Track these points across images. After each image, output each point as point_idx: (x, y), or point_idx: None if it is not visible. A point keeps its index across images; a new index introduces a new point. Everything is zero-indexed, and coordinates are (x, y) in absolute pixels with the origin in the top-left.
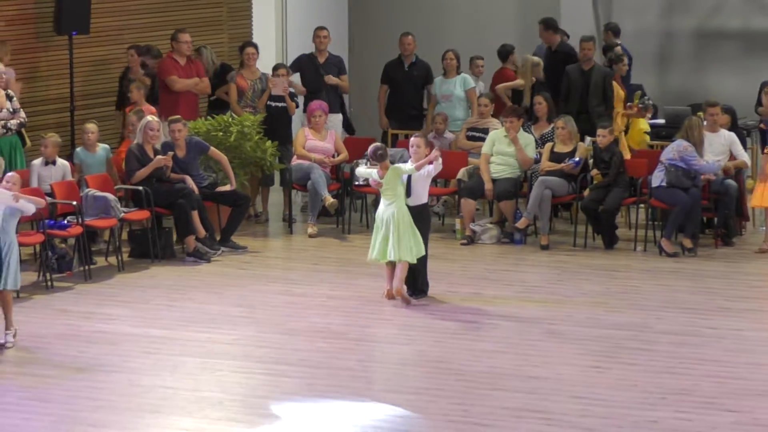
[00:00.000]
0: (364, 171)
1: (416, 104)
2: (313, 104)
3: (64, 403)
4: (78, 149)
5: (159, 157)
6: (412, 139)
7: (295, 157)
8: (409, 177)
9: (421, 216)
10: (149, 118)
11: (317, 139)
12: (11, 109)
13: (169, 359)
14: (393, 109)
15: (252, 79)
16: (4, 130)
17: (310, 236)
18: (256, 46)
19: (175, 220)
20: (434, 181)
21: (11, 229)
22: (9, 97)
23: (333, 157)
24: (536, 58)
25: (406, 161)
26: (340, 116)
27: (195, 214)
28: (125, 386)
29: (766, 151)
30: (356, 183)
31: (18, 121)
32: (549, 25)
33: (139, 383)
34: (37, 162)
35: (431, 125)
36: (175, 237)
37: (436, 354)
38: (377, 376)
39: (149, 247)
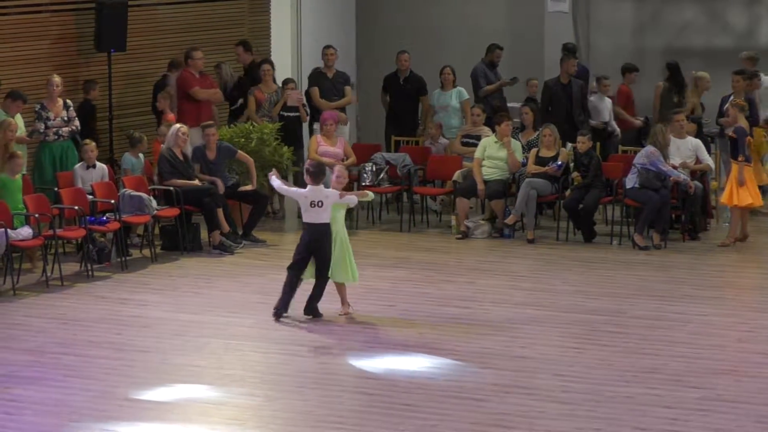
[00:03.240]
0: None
1: (411, 113)
2: (325, 114)
3: (102, 380)
4: (125, 155)
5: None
6: (336, 167)
7: (308, 160)
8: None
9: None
10: (178, 125)
11: (328, 145)
12: (66, 118)
13: (197, 340)
14: (391, 117)
15: (269, 92)
16: (56, 137)
17: None
18: (272, 63)
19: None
20: (432, 182)
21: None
22: (66, 107)
23: (342, 161)
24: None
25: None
26: (347, 127)
27: (220, 211)
28: (157, 364)
29: (740, 159)
30: (364, 184)
31: (70, 129)
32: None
33: (169, 362)
34: (79, 166)
35: (427, 132)
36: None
37: (434, 336)
38: (380, 356)
39: (179, 240)
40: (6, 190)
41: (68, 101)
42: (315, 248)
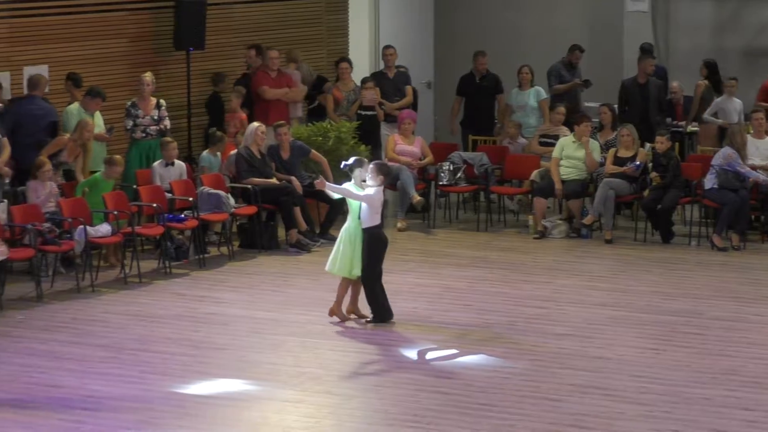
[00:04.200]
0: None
1: (487, 113)
2: (403, 113)
3: (179, 376)
4: (204, 153)
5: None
6: (370, 166)
7: (386, 159)
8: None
9: (369, 239)
10: (256, 123)
11: (406, 144)
12: (156, 117)
13: (273, 338)
14: (468, 117)
15: (346, 91)
16: (144, 135)
17: (399, 230)
18: (349, 62)
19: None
20: (509, 181)
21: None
22: (158, 106)
23: (420, 160)
24: None
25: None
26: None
27: (297, 209)
28: (234, 362)
29: None
30: (441, 183)
31: (159, 128)
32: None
33: (246, 359)
34: (158, 164)
35: (505, 131)
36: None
37: (510, 336)
38: (457, 355)
39: (256, 238)
40: (96, 189)
41: (161, 101)
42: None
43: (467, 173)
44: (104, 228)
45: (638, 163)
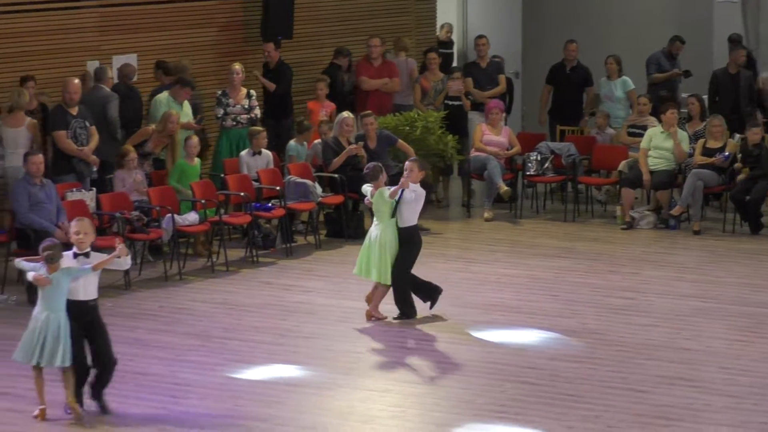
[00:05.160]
0: (365, 189)
1: (576, 104)
2: (490, 103)
3: (266, 365)
4: (291, 142)
5: (351, 146)
6: (406, 163)
7: (473, 149)
8: (398, 200)
9: (408, 239)
10: (344, 114)
11: (493, 134)
12: (247, 106)
13: (360, 327)
14: (556, 107)
15: (434, 81)
16: (234, 123)
17: (486, 220)
18: (437, 52)
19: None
20: (597, 171)
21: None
22: (249, 96)
23: (507, 150)
24: None
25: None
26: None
27: None
28: (320, 350)
29: None
30: (528, 173)
31: (249, 117)
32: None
33: (332, 348)
34: (245, 153)
35: (594, 122)
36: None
37: (597, 326)
38: (544, 346)
39: (343, 227)
40: (185, 176)
41: (252, 91)
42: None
43: (555, 163)
44: (192, 216)
45: (727, 153)
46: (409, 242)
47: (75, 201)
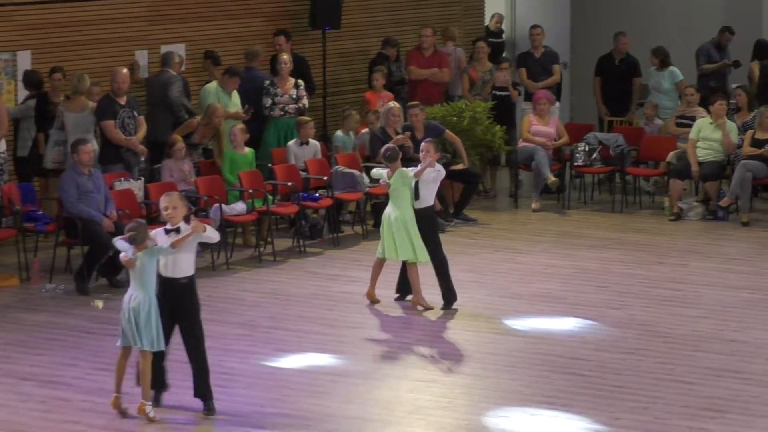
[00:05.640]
0: (377, 171)
1: (624, 95)
2: (538, 93)
3: (313, 352)
4: (338, 132)
5: (398, 136)
6: (422, 144)
7: (520, 140)
8: (416, 181)
9: (426, 219)
10: (391, 104)
11: (541, 125)
12: (294, 96)
13: (406, 318)
14: (604, 99)
15: (482, 71)
16: (282, 113)
17: (533, 211)
18: (486, 41)
19: None
20: (645, 162)
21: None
22: (297, 85)
23: (555, 140)
24: None
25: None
26: (557, 105)
27: None
28: (367, 341)
29: None
30: (576, 164)
31: (297, 107)
32: None
33: (379, 338)
34: (293, 143)
35: (642, 112)
36: None
37: (644, 318)
38: (591, 337)
39: None
40: (235, 165)
41: (299, 81)
42: None
43: (603, 154)
44: (239, 206)
45: None
46: (427, 223)
47: (123, 190)
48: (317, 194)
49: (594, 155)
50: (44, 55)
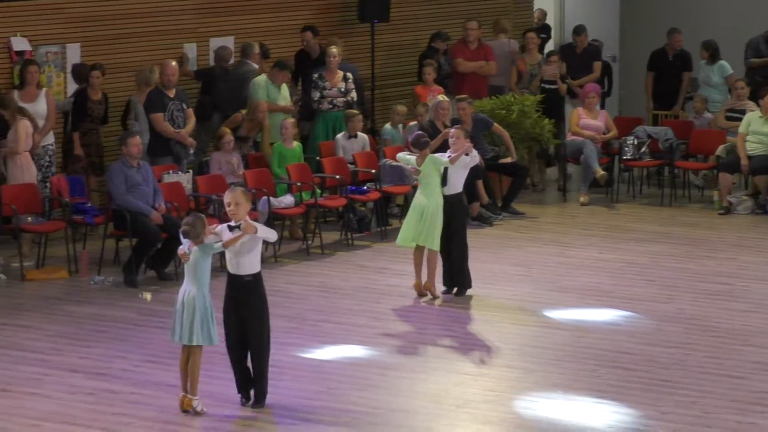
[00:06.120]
0: (404, 157)
1: (674, 89)
2: (587, 87)
3: (360, 347)
4: (387, 126)
5: (447, 130)
6: (451, 130)
7: (569, 133)
8: (446, 167)
9: (455, 206)
10: (440, 97)
11: (590, 118)
12: (343, 89)
13: (454, 312)
14: (655, 93)
15: (531, 64)
16: (331, 106)
17: (582, 204)
18: (537, 32)
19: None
20: (694, 156)
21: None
22: (345, 78)
23: (604, 134)
24: None
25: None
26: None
27: (480, 183)
28: (414, 334)
29: None
30: (625, 157)
31: (345, 100)
32: None
33: (426, 331)
34: (341, 136)
35: (692, 106)
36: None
37: (693, 312)
38: (639, 331)
39: None
40: (284, 159)
41: (348, 74)
42: None
43: (652, 148)
44: (287, 199)
45: None
46: (455, 211)
47: (171, 183)
48: (365, 187)
49: (643, 149)
50: (93, 47)
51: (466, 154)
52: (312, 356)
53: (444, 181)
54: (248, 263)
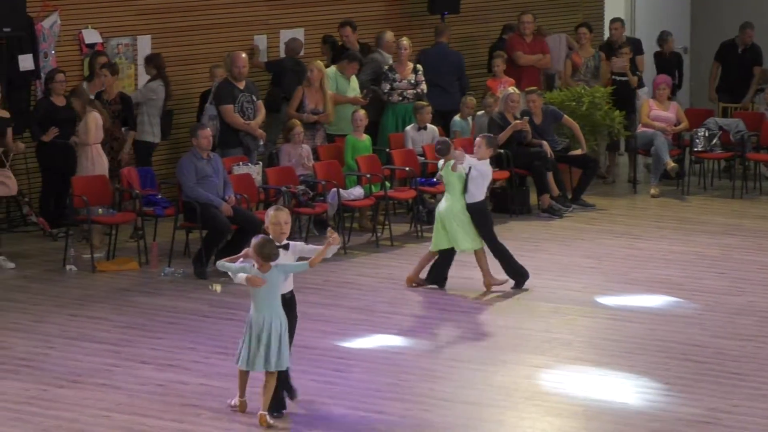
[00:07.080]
0: (439, 164)
1: (744, 83)
2: (658, 78)
3: (429, 339)
4: (456, 118)
5: (516, 121)
6: (476, 138)
7: (640, 125)
8: (467, 176)
9: (474, 216)
10: (510, 89)
11: (660, 110)
12: (413, 81)
13: (524, 304)
14: (724, 85)
15: (586, 57)
16: (401, 98)
17: (652, 196)
18: (589, 27)
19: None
20: (766, 148)
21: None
22: (415, 71)
23: (675, 125)
24: None
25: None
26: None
27: (550, 175)
28: (484, 326)
29: None
30: (696, 149)
31: (416, 92)
32: None
33: (496, 323)
34: (410, 128)
35: (763, 98)
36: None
37: (764, 305)
38: (710, 323)
39: (508, 203)
40: (356, 151)
41: (418, 65)
42: None
43: (723, 140)
44: (357, 191)
45: None
46: (477, 218)
47: (241, 175)
48: (435, 179)
49: (714, 141)
50: (164, 39)
51: (461, 163)
52: (382, 348)
53: (465, 188)
54: (288, 281)
